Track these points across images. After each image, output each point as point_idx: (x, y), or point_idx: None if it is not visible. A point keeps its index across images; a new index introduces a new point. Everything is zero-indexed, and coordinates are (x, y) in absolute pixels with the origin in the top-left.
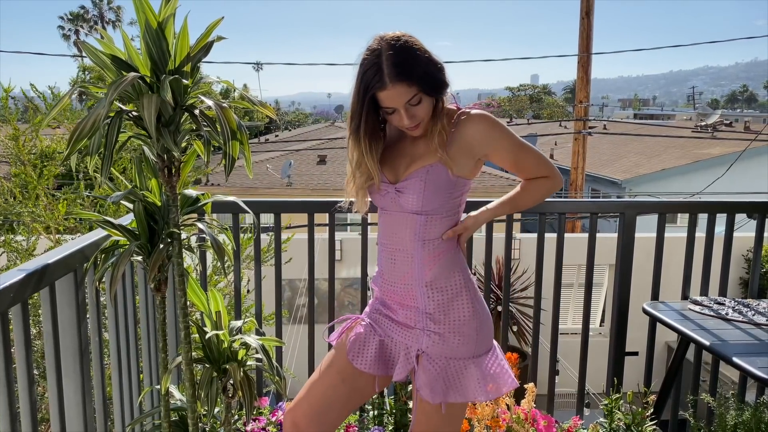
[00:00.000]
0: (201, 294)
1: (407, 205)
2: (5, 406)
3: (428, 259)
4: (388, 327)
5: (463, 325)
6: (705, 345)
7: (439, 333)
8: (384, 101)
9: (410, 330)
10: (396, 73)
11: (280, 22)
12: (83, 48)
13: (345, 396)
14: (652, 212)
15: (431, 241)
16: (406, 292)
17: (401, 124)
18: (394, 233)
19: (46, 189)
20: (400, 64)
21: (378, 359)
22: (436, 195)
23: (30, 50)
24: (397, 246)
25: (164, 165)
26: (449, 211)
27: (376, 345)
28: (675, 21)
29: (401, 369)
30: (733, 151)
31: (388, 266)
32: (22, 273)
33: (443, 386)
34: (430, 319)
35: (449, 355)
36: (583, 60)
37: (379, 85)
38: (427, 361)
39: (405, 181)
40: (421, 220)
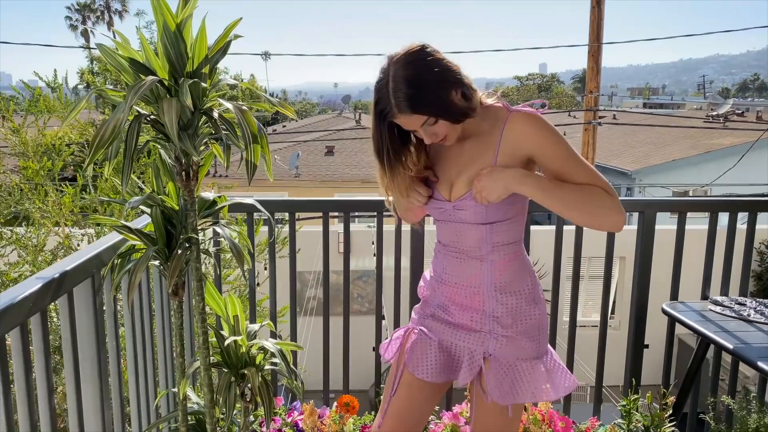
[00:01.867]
0: (219, 298)
1: (469, 219)
2: (26, 415)
3: (500, 263)
4: (445, 331)
5: (531, 327)
6: (728, 348)
7: (507, 336)
8: (401, 125)
9: (474, 333)
10: (403, 106)
11: (287, 11)
12: (100, 50)
13: (427, 408)
14: (672, 211)
15: (501, 247)
16: (473, 294)
17: (426, 142)
18: (459, 239)
19: (54, 184)
20: (407, 97)
21: (440, 366)
22: (497, 207)
23: (36, 39)
24: (465, 250)
25: (182, 169)
26: (516, 213)
27: (435, 351)
28: (685, 8)
29: (466, 373)
30: (744, 142)
31: (454, 267)
32: (40, 282)
33: (511, 387)
34: (497, 322)
35: (518, 356)
36: (593, 50)
37: (391, 114)
38: (496, 363)
39: (462, 200)
40: (487, 228)
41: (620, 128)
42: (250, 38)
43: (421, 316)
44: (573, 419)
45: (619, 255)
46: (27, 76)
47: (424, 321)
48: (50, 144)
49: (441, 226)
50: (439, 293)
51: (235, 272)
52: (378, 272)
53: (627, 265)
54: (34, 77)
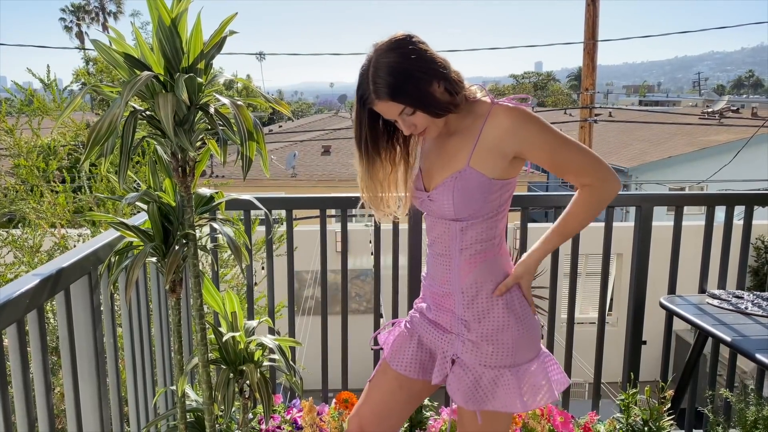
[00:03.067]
0: (216, 294)
1: (441, 213)
2: (23, 412)
3: (465, 264)
4: (425, 328)
5: (498, 333)
6: (726, 341)
7: (472, 340)
8: (380, 113)
9: (446, 334)
10: (382, 92)
11: (282, 11)
12: (95, 47)
13: (404, 401)
14: (669, 204)
15: (469, 247)
16: (445, 295)
17: (405, 133)
18: (437, 236)
19: (49, 185)
20: (386, 84)
21: (416, 362)
22: (468, 202)
23: (31, 40)
24: (438, 249)
25: (178, 164)
26: (487, 214)
27: (414, 347)
28: (680, 5)
29: (437, 372)
30: (740, 138)
31: (433, 267)
32: (37, 278)
33: (474, 393)
34: (464, 326)
35: (483, 363)
36: (589, 47)
37: (369, 101)
38: (461, 367)
39: (435, 190)
40: (458, 226)
41: (616, 126)
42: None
43: (415, 310)
44: (572, 414)
45: (616, 252)
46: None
47: (413, 315)
48: (45, 145)
49: (426, 222)
50: (428, 292)
51: (232, 271)
52: (376, 271)
53: (624, 261)
54: (27, 79)
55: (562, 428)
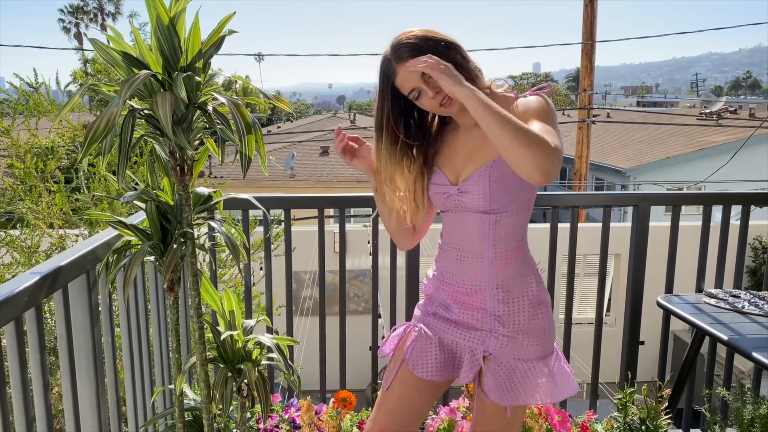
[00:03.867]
0: (214, 293)
1: (473, 205)
2: (21, 411)
3: (500, 259)
4: (445, 329)
5: (534, 326)
6: (723, 339)
7: (507, 335)
8: (403, 86)
9: (475, 331)
10: (403, 54)
11: (280, 12)
12: (93, 45)
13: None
14: (666, 204)
15: (504, 241)
16: (474, 293)
17: (433, 105)
18: (463, 233)
19: (46, 185)
20: (408, 48)
21: (440, 364)
22: (503, 191)
23: (29, 41)
24: (465, 245)
25: (176, 164)
26: (520, 206)
27: (436, 350)
28: (677, 7)
29: (467, 371)
30: (737, 139)
31: (455, 266)
32: (35, 276)
33: (510, 388)
34: (498, 321)
35: (517, 356)
36: (587, 48)
37: (393, 74)
38: (495, 363)
39: (467, 182)
40: (491, 219)
41: (614, 126)
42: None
43: (424, 313)
44: (569, 413)
45: (614, 252)
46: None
47: (425, 319)
48: (43, 145)
49: (445, 217)
50: (442, 292)
51: (230, 271)
52: (374, 271)
53: (622, 262)
54: (18, 79)
55: (560, 427)
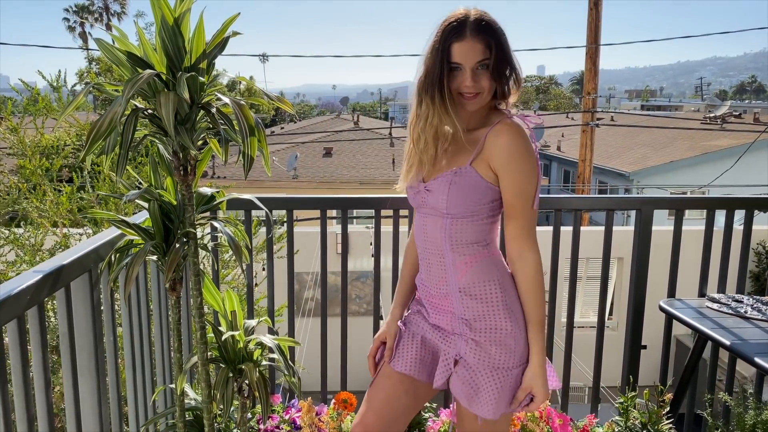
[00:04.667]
0: (216, 293)
1: (435, 205)
2: (23, 409)
3: (460, 263)
4: (427, 329)
5: (503, 335)
6: (725, 344)
7: (476, 341)
8: (455, 55)
9: (447, 335)
10: (478, 29)
11: (285, 13)
12: (98, 45)
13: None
14: (669, 208)
15: (462, 246)
16: (443, 296)
17: (462, 86)
18: (427, 235)
19: (52, 184)
20: (485, 25)
21: (419, 361)
22: (462, 199)
23: (34, 40)
24: (430, 248)
25: (180, 163)
26: (480, 215)
27: (417, 346)
28: (682, 10)
29: (440, 375)
30: (741, 143)
31: (425, 270)
32: (38, 275)
33: (476, 394)
34: (466, 325)
35: (489, 365)
36: (591, 51)
37: (457, 37)
38: (464, 368)
39: (433, 181)
40: (448, 222)
41: (618, 130)
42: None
43: (412, 311)
44: (571, 417)
45: (616, 256)
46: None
47: (411, 316)
48: (48, 144)
49: (415, 220)
50: (422, 294)
51: (232, 272)
52: (376, 273)
53: (625, 265)
54: (33, 77)
55: (561, 431)
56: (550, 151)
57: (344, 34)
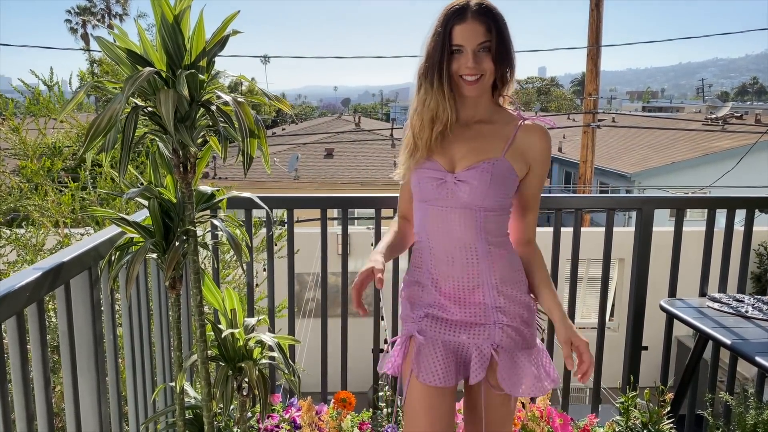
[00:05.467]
0: (216, 292)
1: (466, 198)
2: (22, 407)
3: (496, 255)
4: (446, 330)
5: (530, 315)
6: (726, 344)
7: (511, 325)
8: (457, 37)
9: (479, 327)
10: (479, 12)
11: (286, 14)
12: (98, 43)
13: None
14: (670, 207)
15: (496, 237)
16: (471, 289)
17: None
18: (448, 229)
19: (53, 184)
20: (486, 8)
21: (448, 368)
22: (499, 189)
23: (36, 41)
24: (455, 243)
25: (180, 161)
26: (507, 208)
27: (442, 354)
28: (684, 12)
29: (478, 369)
30: (743, 144)
31: (447, 267)
32: (37, 272)
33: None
34: (501, 312)
35: (521, 344)
36: (592, 53)
37: (459, 19)
38: (506, 354)
39: (468, 171)
40: (482, 215)
41: (620, 131)
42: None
43: (415, 320)
44: (571, 417)
45: (617, 257)
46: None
47: (420, 324)
48: (50, 144)
49: (428, 214)
50: (432, 295)
51: (233, 272)
52: None
53: (626, 266)
54: (33, 78)
55: (561, 430)
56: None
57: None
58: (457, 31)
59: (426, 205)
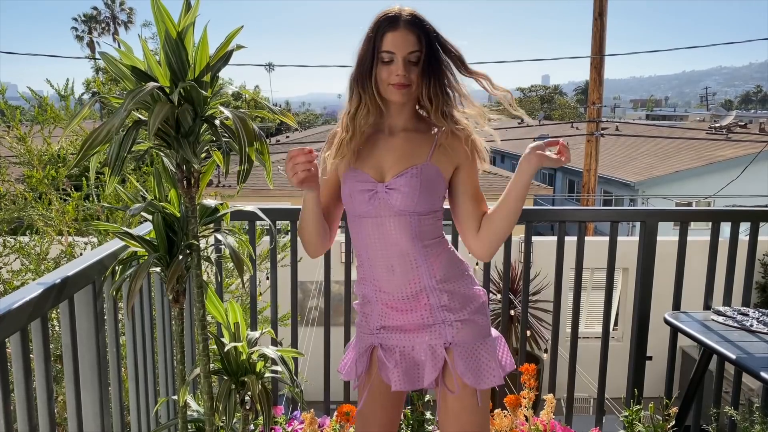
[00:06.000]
0: (219, 305)
1: (398, 205)
2: (25, 420)
3: (432, 258)
4: (400, 338)
5: (480, 305)
6: (731, 358)
7: (462, 320)
8: (388, 44)
9: (428, 328)
10: (412, 22)
11: (290, 22)
12: (103, 59)
13: (397, 414)
14: (674, 220)
15: (429, 241)
16: (415, 294)
17: (390, 76)
18: (384, 239)
19: (57, 193)
20: (417, 18)
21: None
22: (429, 193)
23: (42, 49)
24: (392, 252)
25: (183, 176)
26: (438, 211)
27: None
28: (688, 20)
29: (431, 370)
30: (747, 153)
31: (385, 274)
32: (41, 287)
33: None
34: (446, 310)
35: (477, 335)
36: (595, 61)
37: (391, 27)
38: (459, 349)
39: (398, 179)
40: (415, 219)
41: (623, 140)
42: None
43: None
44: (575, 430)
45: (621, 266)
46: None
47: (378, 335)
48: (55, 153)
49: (361, 225)
50: (379, 305)
51: (237, 281)
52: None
53: (630, 276)
54: (41, 86)
55: None
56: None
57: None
58: (389, 38)
59: (360, 219)
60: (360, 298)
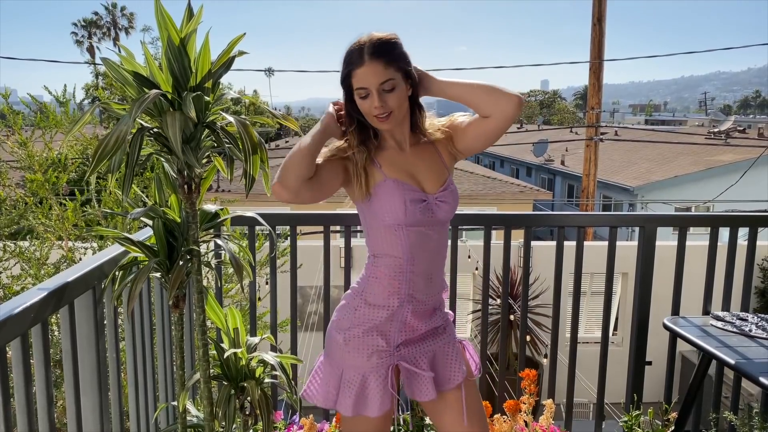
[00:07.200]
0: (219, 311)
1: (443, 216)
2: (25, 426)
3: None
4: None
5: None
6: (730, 363)
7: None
8: (358, 81)
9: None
10: (374, 51)
11: (290, 27)
12: (105, 64)
13: None
14: (672, 225)
15: None
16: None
17: (370, 109)
18: (433, 249)
19: (57, 198)
20: (381, 46)
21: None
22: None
23: (42, 54)
24: (436, 262)
25: (184, 181)
26: None
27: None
28: (686, 25)
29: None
30: (746, 158)
31: (424, 284)
32: (42, 292)
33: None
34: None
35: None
36: (594, 66)
37: (357, 63)
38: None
39: (444, 191)
40: (445, 229)
41: (622, 144)
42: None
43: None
44: None
45: (620, 271)
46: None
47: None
48: (56, 158)
49: (411, 234)
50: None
51: (237, 286)
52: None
53: (630, 280)
54: (40, 91)
55: None
56: (554, 166)
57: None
58: (358, 75)
59: (406, 229)
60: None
